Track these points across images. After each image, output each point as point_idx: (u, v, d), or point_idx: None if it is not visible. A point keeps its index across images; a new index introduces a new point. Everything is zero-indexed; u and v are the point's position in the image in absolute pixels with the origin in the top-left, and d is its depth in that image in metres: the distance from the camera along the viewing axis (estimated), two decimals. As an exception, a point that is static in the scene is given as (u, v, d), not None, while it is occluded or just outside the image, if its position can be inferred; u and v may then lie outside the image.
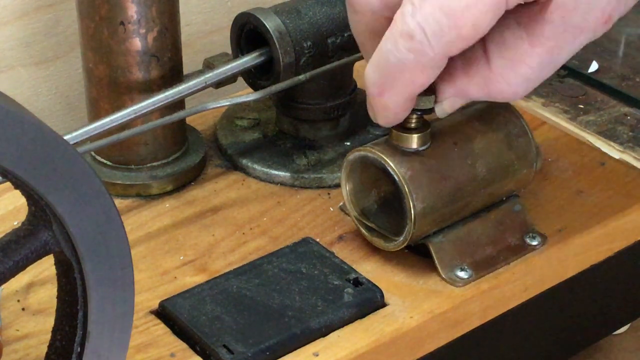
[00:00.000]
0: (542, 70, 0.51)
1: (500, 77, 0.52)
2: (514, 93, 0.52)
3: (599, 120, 0.74)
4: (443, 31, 0.48)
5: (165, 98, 0.63)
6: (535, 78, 0.52)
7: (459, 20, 0.48)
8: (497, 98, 0.53)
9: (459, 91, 0.53)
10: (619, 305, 0.71)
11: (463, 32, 0.48)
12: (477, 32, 0.49)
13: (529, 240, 0.62)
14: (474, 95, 0.53)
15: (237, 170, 0.69)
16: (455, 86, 0.53)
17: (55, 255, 0.45)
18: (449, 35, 0.48)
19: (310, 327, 0.56)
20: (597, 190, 0.67)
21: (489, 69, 0.52)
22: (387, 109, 0.54)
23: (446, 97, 0.54)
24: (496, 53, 0.51)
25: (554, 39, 0.50)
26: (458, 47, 0.49)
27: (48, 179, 0.42)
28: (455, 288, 0.60)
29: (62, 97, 0.79)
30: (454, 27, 0.48)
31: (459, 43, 0.49)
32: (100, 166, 0.68)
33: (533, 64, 0.51)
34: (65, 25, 0.76)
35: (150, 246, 0.63)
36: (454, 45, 0.49)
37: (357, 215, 0.62)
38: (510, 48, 0.51)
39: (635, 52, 0.82)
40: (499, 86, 0.52)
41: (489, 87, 0.52)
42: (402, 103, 0.53)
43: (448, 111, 0.55)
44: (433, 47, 0.49)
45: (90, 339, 0.46)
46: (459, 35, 0.48)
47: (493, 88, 0.52)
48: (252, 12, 0.66)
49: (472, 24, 0.48)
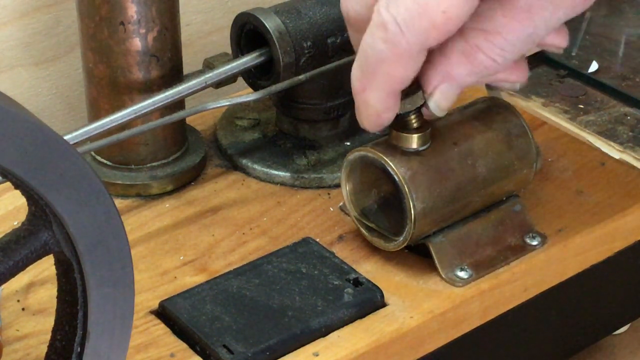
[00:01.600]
0: (519, 42, 0.50)
1: (477, 49, 0.51)
2: (495, 64, 0.51)
3: (599, 120, 0.74)
4: (414, 19, 0.48)
5: (165, 98, 0.63)
6: (513, 50, 0.51)
7: (430, 8, 0.48)
8: (482, 72, 0.52)
9: (443, 75, 0.52)
10: (619, 305, 0.71)
11: (435, 20, 0.48)
12: (449, 20, 0.48)
13: (529, 240, 0.62)
14: (458, 74, 0.52)
15: (237, 170, 0.69)
16: (437, 70, 0.52)
17: (55, 255, 0.45)
18: (420, 23, 0.48)
19: (310, 327, 0.56)
20: (597, 190, 0.67)
21: (465, 42, 0.51)
22: (369, 106, 0.53)
23: (433, 86, 0.53)
24: (470, 25, 0.50)
25: (529, 11, 0.50)
26: (433, 36, 0.49)
27: (48, 179, 0.42)
28: (455, 288, 0.60)
29: (62, 97, 0.79)
30: (425, 15, 0.48)
31: (433, 32, 0.49)
32: (100, 166, 0.68)
33: (509, 35, 0.50)
34: (65, 25, 0.76)
35: (150, 246, 0.63)
36: (428, 34, 0.49)
37: (357, 215, 0.62)
38: (484, 19, 0.50)
39: (635, 52, 0.82)
40: (479, 58, 0.51)
41: (469, 61, 0.51)
42: (383, 99, 0.52)
43: (443, 104, 0.54)
44: (406, 36, 0.49)
45: (90, 339, 0.46)
46: (431, 24, 0.48)
47: (474, 61, 0.51)
48: (252, 12, 0.66)
49: (443, 11, 0.48)
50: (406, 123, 0.58)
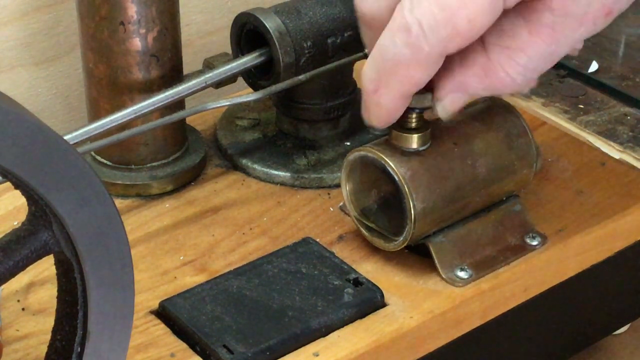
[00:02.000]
0: (541, 60, 0.51)
1: (499, 66, 0.51)
2: (513, 82, 0.51)
3: (599, 120, 0.74)
4: (439, 25, 0.48)
5: (165, 98, 0.63)
6: (534, 68, 0.51)
7: (455, 15, 0.48)
8: (497, 89, 0.52)
9: (458, 84, 0.53)
10: (619, 305, 0.71)
11: (459, 28, 0.48)
12: (473, 28, 0.49)
13: (529, 240, 0.62)
14: (474, 87, 0.52)
15: (237, 170, 0.69)
16: (454, 79, 0.52)
17: (55, 255, 0.45)
18: (445, 29, 0.48)
19: (310, 327, 0.56)
20: (597, 190, 0.67)
21: (487, 57, 0.51)
22: (381, 107, 0.53)
23: (446, 92, 0.53)
24: (494, 41, 0.51)
25: (554, 28, 0.50)
26: (455, 43, 0.49)
27: (48, 179, 0.42)
28: (455, 288, 0.60)
29: (62, 97, 0.79)
30: (449, 22, 0.48)
31: (456, 39, 0.49)
32: (100, 166, 0.68)
33: (532, 53, 0.50)
34: (65, 25, 0.76)
35: (150, 246, 0.63)
36: (451, 41, 0.49)
37: (357, 215, 0.62)
38: (508, 36, 0.50)
39: (635, 52, 0.82)
40: (498, 75, 0.51)
41: (488, 77, 0.51)
42: (396, 101, 0.52)
43: (450, 110, 0.54)
44: (429, 41, 0.49)
45: (90, 339, 0.46)
46: (455, 31, 0.48)
47: (493, 78, 0.51)
48: (252, 12, 0.66)
49: (468, 20, 0.48)
50: (406, 123, 0.58)
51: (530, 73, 0.51)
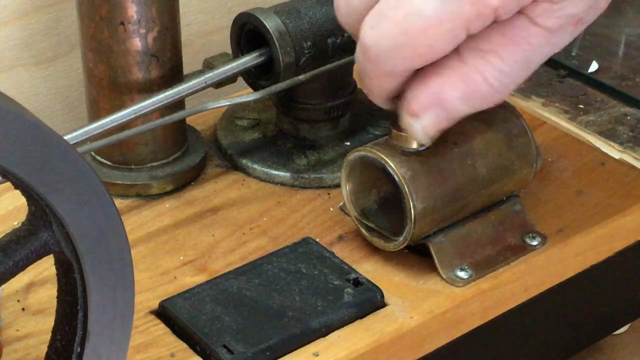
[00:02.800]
0: (516, 66, 0.50)
1: (475, 69, 0.50)
2: (490, 88, 0.50)
3: (599, 120, 0.74)
4: (398, 49, 0.48)
5: (165, 98, 0.63)
6: (509, 72, 0.50)
7: (415, 40, 0.48)
8: (475, 98, 0.50)
9: (434, 96, 0.51)
10: (619, 305, 0.71)
11: (419, 51, 0.48)
12: (434, 52, 0.48)
13: (529, 240, 0.62)
14: (451, 97, 0.50)
15: (237, 170, 0.69)
16: (429, 88, 0.50)
17: (55, 255, 0.45)
18: (404, 52, 0.48)
19: (310, 327, 0.56)
20: (597, 190, 0.67)
21: (462, 62, 0.50)
22: (372, 93, 0.53)
23: (422, 105, 0.51)
24: (467, 45, 0.50)
25: (527, 31, 0.49)
26: (416, 63, 0.49)
27: (48, 179, 0.42)
28: (455, 288, 0.60)
29: (62, 97, 0.79)
30: (409, 46, 0.48)
31: (417, 60, 0.49)
32: (100, 166, 0.68)
33: (506, 56, 0.50)
34: (65, 25, 0.76)
35: (150, 246, 0.63)
36: (412, 61, 0.49)
37: (357, 215, 0.62)
38: (482, 39, 0.50)
39: (635, 52, 0.82)
40: (475, 81, 0.50)
41: (465, 82, 0.50)
42: (382, 93, 0.52)
43: (430, 131, 0.52)
44: (389, 61, 0.49)
45: (90, 339, 0.46)
46: (414, 53, 0.48)
47: (469, 83, 0.50)
48: (252, 12, 0.66)
49: (428, 45, 0.48)
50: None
51: (505, 78, 0.50)
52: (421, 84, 0.51)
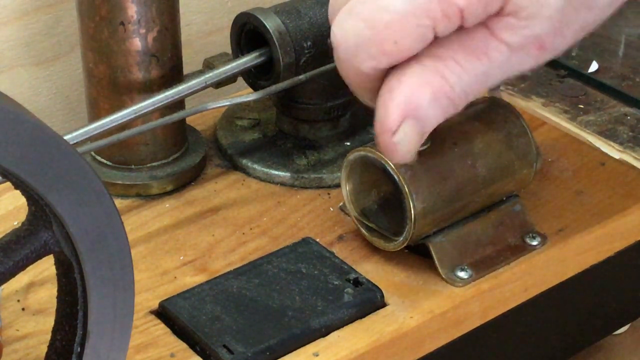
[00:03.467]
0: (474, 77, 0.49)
1: (435, 71, 0.49)
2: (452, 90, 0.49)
3: (599, 120, 0.74)
4: (365, 45, 0.48)
5: (165, 98, 0.63)
6: (469, 82, 0.49)
7: (380, 35, 0.47)
8: (444, 102, 0.49)
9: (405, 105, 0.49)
10: (619, 305, 0.71)
11: (385, 48, 0.48)
12: (400, 50, 0.48)
13: (529, 240, 0.62)
14: (420, 100, 0.49)
15: (237, 170, 0.69)
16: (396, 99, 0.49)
17: (55, 255, 0.45)
18: (370, 49, 0.48)
19: (310, 327, 0.56)
20: (597, 190, 0.67)
21: (422, 66, 0.49)
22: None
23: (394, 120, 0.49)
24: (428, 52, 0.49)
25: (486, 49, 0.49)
26: (383, 61, 0.49)
27: (48, 179, 0.42)
28: (455, 288, 0.60)
29: (62, 97, 0.79)
30: (375, 42, 0.47)
31: (383, 58, 0.48)
32: (100, 166, 0.68)
33: (465, 65, 0.49)
34: (65, 25, 0.76)
35: (150, 246, 0.63)
36: (378, 59, 0.48)
37: (357, 215, 0.62)
38: (442, 47, 0.49)
39: (635, 52, 0.82)
40: (439, 81, 0.49)
41: (429, 84, 0.49)
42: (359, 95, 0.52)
43: (410, 146, 0.50)
44: (356, 59, 0.48)
45: (90, 339, 0.46)
46: (381, 50, 0.48)
47: (435, 84, 0.49)
48: (252, 12, 0.66)
49: (394, 41, 0.48)
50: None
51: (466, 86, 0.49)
52: (388, 99, 0.50)
